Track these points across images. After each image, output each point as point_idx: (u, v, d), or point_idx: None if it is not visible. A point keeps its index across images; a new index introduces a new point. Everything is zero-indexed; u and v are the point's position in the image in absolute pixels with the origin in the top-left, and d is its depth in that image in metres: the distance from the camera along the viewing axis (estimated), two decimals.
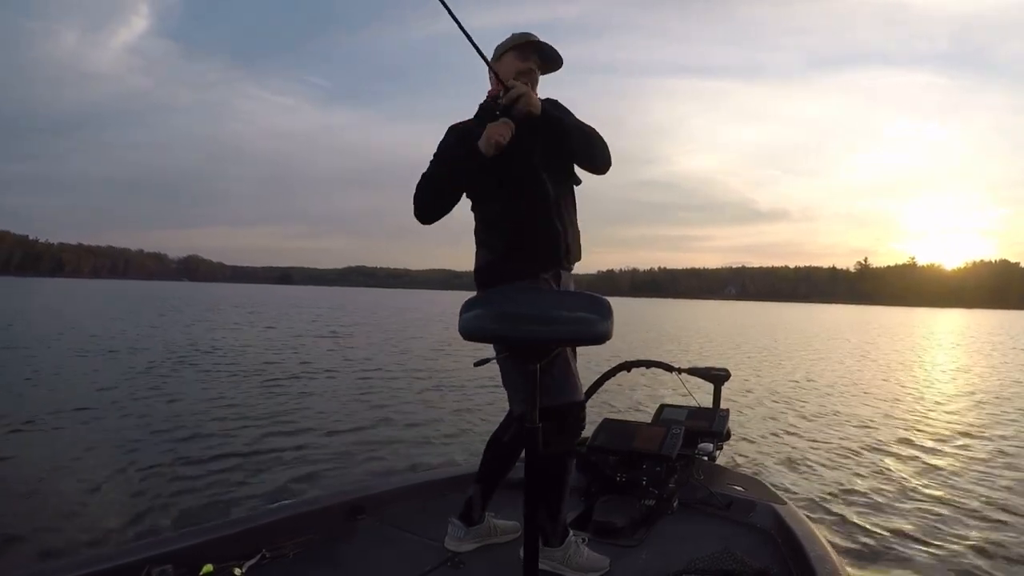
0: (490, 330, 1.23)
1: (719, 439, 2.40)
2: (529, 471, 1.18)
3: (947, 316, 64.45)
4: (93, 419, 4.88)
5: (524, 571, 1.18)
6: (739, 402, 6.57)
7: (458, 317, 1.21)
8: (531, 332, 1.18)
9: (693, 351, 13.38)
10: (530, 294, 1.50)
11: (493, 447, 1.80)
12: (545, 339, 1.20)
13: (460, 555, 1.69)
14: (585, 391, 1.76)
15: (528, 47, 1.69)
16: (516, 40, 1.70)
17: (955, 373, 10.81)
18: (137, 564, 1.39)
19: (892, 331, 26.71)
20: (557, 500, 1.63)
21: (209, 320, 18.24)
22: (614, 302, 1.18)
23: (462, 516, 1.75)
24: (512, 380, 1.63)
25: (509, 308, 1.22)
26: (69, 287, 63.09)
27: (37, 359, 8.14)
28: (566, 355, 1.63)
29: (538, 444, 1.20)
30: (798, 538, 1.69)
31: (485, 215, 1.70)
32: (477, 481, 1.78)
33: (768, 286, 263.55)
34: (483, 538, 1.76)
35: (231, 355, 9.52)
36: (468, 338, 1.22)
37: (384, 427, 4.99)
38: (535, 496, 1.18)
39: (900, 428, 5.64)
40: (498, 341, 1.47)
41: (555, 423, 1.52)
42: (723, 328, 24.49)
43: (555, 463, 1.62)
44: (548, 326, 1.18)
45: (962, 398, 7.66)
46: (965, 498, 3.62)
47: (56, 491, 3.21)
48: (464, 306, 1.24)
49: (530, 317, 1.19)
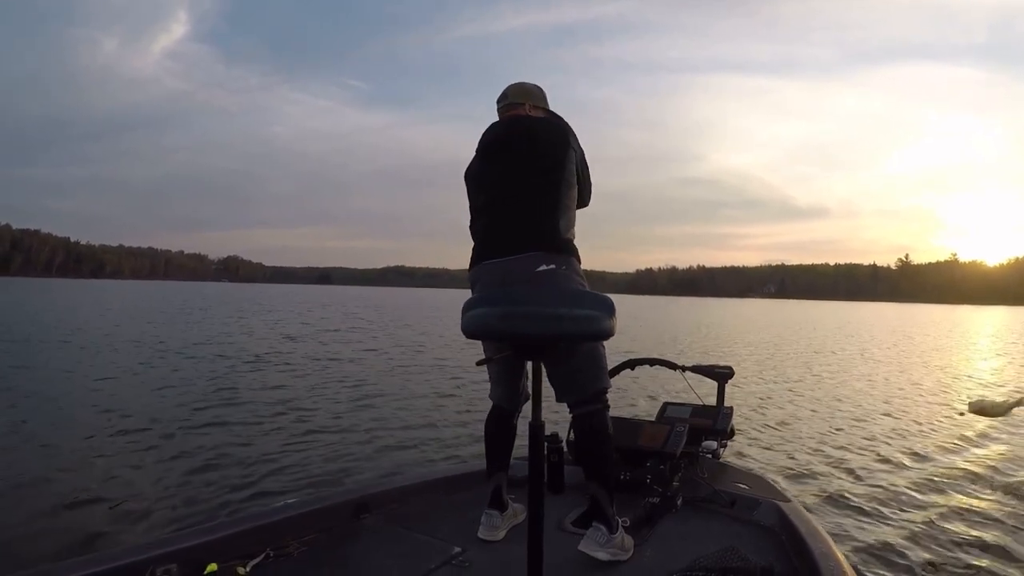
0: (492, 328, 1.23)
1: (723, 437, 2.39)
2: (533, 467, 1.18)
3: (988, 314, 63.12)
4: (93, 419, 4.89)
5: (528, 567, 1.18)
6: (744, 400, 6.57)
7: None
8: (533, 329, 1.18)
9: (697, 350, 13.37)
10: (532, 292, 1.50)
11: (496, 436, 1.90)
12: (548, 336, 1.21)
13: (465, 553, 1.69)
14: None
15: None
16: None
17: (981, 372, 10.60)
18: (141, 563, 1.39)
19: (925, 328, 26.41)
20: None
21: (227, 320, 18.30)
22: (651, 300, 1.18)
23: (495, 505, 1.83)
24: (506, 376, 1.83)
25: (511, 306, 1.22)
26: (104, 287, 63.41)
27: (37, 358, 8.17)
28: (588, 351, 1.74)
29: (540, 441, 1.20)
30: (802, 536, 1.68)
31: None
32: (499, 470, 1.87)
33: (807, 284, 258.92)
34: (510, 521, 1.86)
35: (236, 353, 9.55)
36: (471, 336, 1.23)
37: (389, 426, 5.00)
38: (539, 491, 1.18)
39: (910, 427, 5.62)
40: (500, 339, 1.47)
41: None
42: (743, 325, 24.41)
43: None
44: (551, 323, 1.18)
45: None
46: (972, 497, 3.61)
47: (59, 491, 3.22)
48: (465, 305, 1.24)
49: (532, 314, 1.19)
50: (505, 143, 1.84)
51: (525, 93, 1.94)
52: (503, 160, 1.83)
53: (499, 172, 1.82)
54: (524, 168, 1.78)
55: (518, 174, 1.79)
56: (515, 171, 1.79)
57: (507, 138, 1.85)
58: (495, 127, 1.91)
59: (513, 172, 1.80)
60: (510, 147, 1.83)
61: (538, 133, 1.82)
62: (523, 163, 1.79)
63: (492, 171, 1.84)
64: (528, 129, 1.84)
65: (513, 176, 1.79)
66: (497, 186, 1.83)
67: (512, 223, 1.75)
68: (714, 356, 11.43)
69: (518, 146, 1.81)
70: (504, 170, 1.81)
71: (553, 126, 1.85)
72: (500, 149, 1.85)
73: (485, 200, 1.84)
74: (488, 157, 1.87)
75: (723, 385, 2.61)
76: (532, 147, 1.79)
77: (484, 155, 1.88)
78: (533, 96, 1.94)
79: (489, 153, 1.87)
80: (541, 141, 1.80)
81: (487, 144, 1.88)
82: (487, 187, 1.85)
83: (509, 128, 1.87)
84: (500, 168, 1.83)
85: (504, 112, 1.94)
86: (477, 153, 1.89)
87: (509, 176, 1.80)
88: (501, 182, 1.82)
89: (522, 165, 1.79)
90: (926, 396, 7.55)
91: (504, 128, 1.88)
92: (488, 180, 1.85)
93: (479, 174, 1.88)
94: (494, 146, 1.87)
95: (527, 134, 1.82)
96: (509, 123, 1.89)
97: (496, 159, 1.85)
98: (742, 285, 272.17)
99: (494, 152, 1.86)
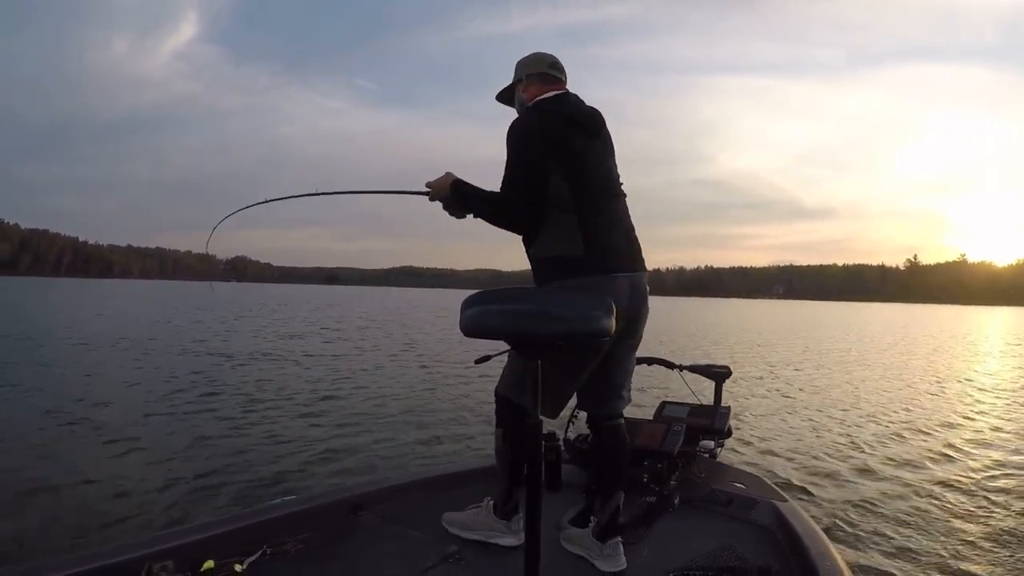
0: (491, 326, 1.23)
1: (720, 436, 2.39)
2: (531, 466, 1.18)
3: (996, 315, 62.81)
4: (94, 417, 4.91)
5: (525, 565, 1.18)
6: (741, 400, 6.55)
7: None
8: (533, 327, 1.18)
9: (699, 350, 13.33)
10: (532, 290, 1.50)
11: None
12: (547, 334, 1.21)
13: (461, 551, 1.69)
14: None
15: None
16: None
17: (980, 374, 10.57)
18: (138, 560, 1.39)
19: (928, 329, 26.34)
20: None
21: (225, 319, 18.39)
22: (658, 301, 1.17)
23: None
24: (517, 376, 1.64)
25: (511, 304, 1.22)
26: (110, 287, 63.62)
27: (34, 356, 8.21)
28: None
29: (539, 440, 1.20)
30: (799, 535, 1.68)
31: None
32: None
33: (816, 284, 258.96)
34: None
35: (233, 351, 9.57)
36: (469, 335, 1.22)
37: (386, 424, 5.02)
38: (537, 490, 1.18)
39: (907, 429, 5.60)
40: (500, 337, 1.47)
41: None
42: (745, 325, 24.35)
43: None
44: (550, 322, 1.18)
45: (982, 401, 7.49)
46: (969, 496, 3.61)
47: (56, 487, 3.23)
48: (464, 303, 1.23)
49: (532, 313, 1.20)
50: (600, 126, 1.62)
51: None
52: (604, 150, 1.63)
53: (607, 161, 1.63)
54: (614, 165, 1.64)
55: (614, 170, 1.63)
56: (613, 166, 1.63)
57: (600, 122, 1.62)
58: (572, 99, 1.62)
59: (613, 166, 1.63)
60: (601, 134, 1.62)
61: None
62: (613, 159, 1.64)
63: (603, 155, 1.61)
64: (604, 122, 1.64)
65: (613, 170, 1.63)
66: (609, 179, 1.61)
67: (631, 229, 1.62)
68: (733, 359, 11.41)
69: (607, 136, 1.64)
70: (608, 160, 1.62)
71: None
72: (598, 132, 1.61)
73: (607, 190, 1.60)
74: (592, 134, 1.59)
75: (720, 384, 2.61)
76: (611, 143, 1.65)
77: (585, 130, 1.58)
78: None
79: (591, 131, 1.59)
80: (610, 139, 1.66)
81: (586, 119, 1.59)
82: (603, 175, 1.60)
83: (594, 112, 1.63)
84: (605, 156, 1.62)
85: (555, 85, 1.66)
86: (565, 123, 1.55)
87: (612, 169, 1.63)
88: (611, 175, 1.62)
89: (613, 161, 1.64)
90: (927, 398, 7.51)
91: (589, 109, 1.62)
92: (604, 167, 1.60)
93: (596, 155, 1.58)
94: (595, 124, 1.60)
95: (605, 126, 1.63)
96: (590, 108, 1.63)
97: (599, 143, 1.61)
98: (750, 286, 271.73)
99: (596, 132, 1.60)
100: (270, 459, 3.89)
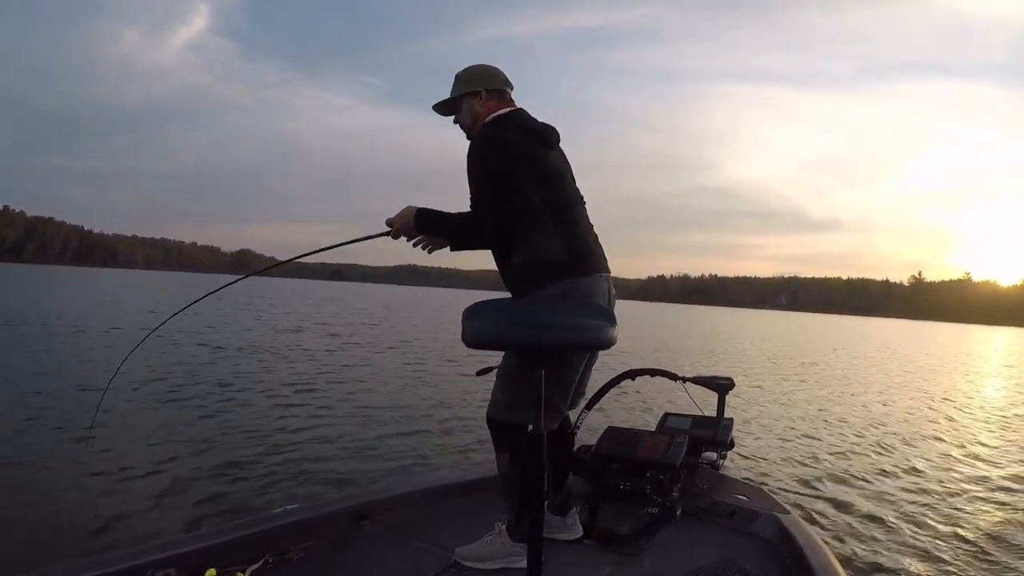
0: (498, 337, 1.24)
1: (723, 448, 2.39)
2: (534, 473, 1.19)
3: (998, 335, 62.38)
4: (94, 417, 4.80)
5: (528, 572, 1.19)
6: (744, 411, 6.54)
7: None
8: (537, 338, 1.19)
9: (700, 361, 13.30)
10: (533, 302, 1.51)
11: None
12: (551, 344, 1.22)
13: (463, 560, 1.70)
14: (590, 398, 1.76)
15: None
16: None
17: (979, 392, 10.55)
18: (140, 568, 1.39)
19: (931, 346, 26.13)
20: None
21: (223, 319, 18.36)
22: (662, 308, 1.15)
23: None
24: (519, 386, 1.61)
25: (515, 315, 1.23)
26: (108, 277, 63.10)
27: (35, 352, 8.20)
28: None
29: (542, 450, 1.21)
30: (801, 548, 1.69)
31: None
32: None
33: (820, 297, 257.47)
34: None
35: (233, 353, 9.52)
36: (473, 346, 1.18)
37: (389, 432, 4.92)
38: (539, 496, 1.19)
39: (908, 441, 5.61)
40: (508, 348, 1.46)
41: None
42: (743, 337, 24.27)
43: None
44: (554, 332, 1.19)
45: (980, 420, 7.46)
46: (968, 512, 3.60)
47: (57, 493, 3.17)
48: (467, 313, 1.19)
49: (535, 323, 1.20)
50: (558, 139, 1.70)
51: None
52: (564, 160, 1.72)
53: (569, 171, 1.72)
54: (573, 174, 1.73)
55: (574, 180, 1.72)
56: (572, 176, 1.72)
57: (558, 136, 1.70)
58: (528, 115, 1.70)
59: (572, 177, 1.72)
60: (558, 146, 1.71)
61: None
62: (571, 169, 1.74)
63: (565, 165, 1.72)
64: (559, 136, 1.73)
65: (573, 181, 1.72)
66: (574, 186, 1.71)
67: (596, 233, 1.71)
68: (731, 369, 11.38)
69: (561, 149, 1.73)
70: (569, 169, 1.72)
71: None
72: (556, 144, 1.70)
73: (574, 197, 1.68)
74: (551, 146, 1.68)
75: (723, 396, 2.62)
76: (565, 155, 1.75)
77: (547, 142, 1.66)
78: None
79: (551, 144, 1.68)
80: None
81: (547, 133, 1.67)
82: (570, 183, 1.70)
83: (551, 126, 1.70)
84: (567, 166, 1.72)
85: (509, 102, 1.72)
86: (531, 137, 1.63)
87: (572, 180, 1.72)
88: (574, 183, 1.72)
89: (571, 171, 1.73)
90: (931, 414, 7.50)
91: (544, 124, 1.69)
92: (568, 176, 1.71)
93: (559, 166, 1.68)
94: (553, 138, 1.69)
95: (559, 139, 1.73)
96: (543, 123, 1.70)
97: (559, 154, 1.71)
98: (754, 295, 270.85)
99: (555, 144, 1.70)
100: (273, 467, 3.82)
